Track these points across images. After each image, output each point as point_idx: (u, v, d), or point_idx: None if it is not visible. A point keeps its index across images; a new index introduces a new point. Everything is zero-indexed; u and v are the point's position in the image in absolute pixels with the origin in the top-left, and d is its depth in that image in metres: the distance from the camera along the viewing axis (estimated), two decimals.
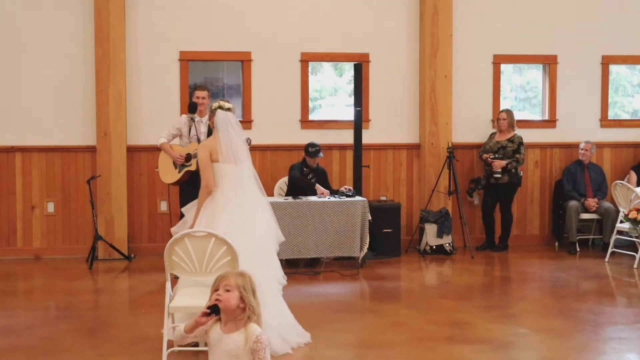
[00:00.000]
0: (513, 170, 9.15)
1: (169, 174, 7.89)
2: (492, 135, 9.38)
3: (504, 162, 9.05)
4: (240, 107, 9.28)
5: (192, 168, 7.63)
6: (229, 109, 5.44)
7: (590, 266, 8.43)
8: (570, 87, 9.83)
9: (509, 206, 9.32)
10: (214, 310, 3.45)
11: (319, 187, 8.36)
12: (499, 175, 9.08)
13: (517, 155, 9.13)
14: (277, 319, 5.25)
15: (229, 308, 3.46)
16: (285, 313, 5.46)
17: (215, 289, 3.51)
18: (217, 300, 3.45)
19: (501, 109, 9.46)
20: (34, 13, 8.78)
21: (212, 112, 5.46)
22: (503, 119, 9.23)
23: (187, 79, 9.03)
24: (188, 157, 7.73)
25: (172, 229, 5.64)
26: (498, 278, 8.21)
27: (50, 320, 6.23)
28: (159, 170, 8.01)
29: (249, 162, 5.50)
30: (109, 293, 7.38)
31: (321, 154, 8.50)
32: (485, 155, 9.18)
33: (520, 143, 9.19)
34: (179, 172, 7.78)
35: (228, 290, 3.48)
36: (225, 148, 5.36)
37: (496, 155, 9.11)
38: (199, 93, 7.86)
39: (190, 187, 7.46)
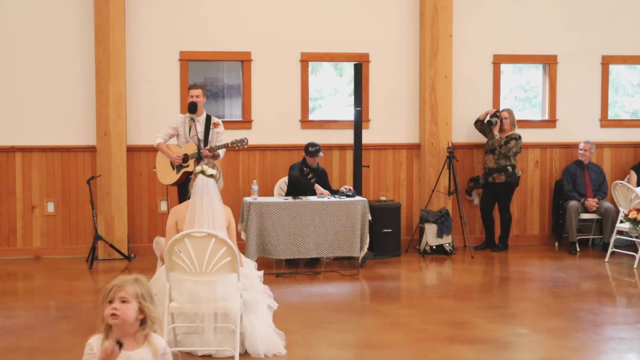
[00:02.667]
0: (510, 169, 9.13)
1: (167, 175, 7.85)
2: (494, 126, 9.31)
3: (497, 128, 9.08)
4: (240, 107, 9.29)
5: (190, 169, 7.61)
6: (211, 175, 5.25)
7: (590, 266, 8.43)
8: (570, 87, 9.83)
9: (507, 206, 9.32)
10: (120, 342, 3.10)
11: (318, 187, 8.36)
12: (492, 120, 9.12)
13: (508, 144, 9.10)
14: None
15: (127, 322, 3.12)
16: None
17: (109, 301, 3.16)
18: (113, 315, 3.11)
19: (501, 108, 9.46)
20: (34, 13, 8.77)
21: (194, 176, 5.30)
22: (505, 118, 9.23)
23: (187, 79, 9.03)
24: (185, 158, 7.71)
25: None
26: (498, 278, 8.21)
27: (50, 320, 6.22)
28: (156, 171, 7.99)
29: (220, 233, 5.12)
30: None
31: (321, 154, 8.50)
32: (494, 116, 9.16)
33: (514, 138, 9.13)
34: (177, 172, 7.76)
35: (124, 302, 3.14)
36: (190, 216, 5.18)
37: (500, 136, 9.12)
38: (193, 92, 7.82)
39: (188, 188, 7.42)
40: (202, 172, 5.26)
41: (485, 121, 9.25)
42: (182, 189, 7.77)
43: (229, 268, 4.99)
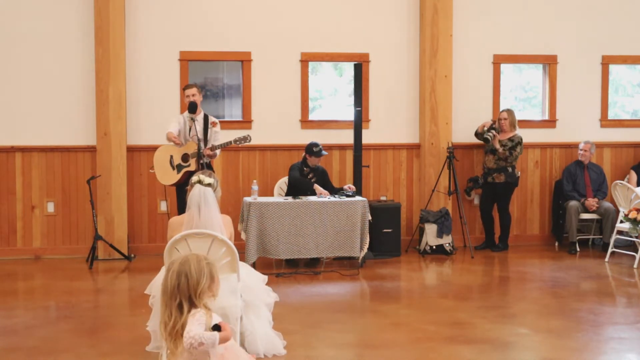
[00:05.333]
0: (510, 170, 9.14)
1: (167, 175, 7.84)
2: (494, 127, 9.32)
3: (497, 141, 9.04)
4: (240, 107, 9.29)
5: (192, 168, 7.61)
6: (209, 184, 5.07)
7: (590, 266, 8.43)
8: (570, 87, 9.84)
9: (506, 206, 9.32)
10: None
11: (317, 188, 8.36)
12: (490, 135, 9.04)
13: (513, 151, 9.12)
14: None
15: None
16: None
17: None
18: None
19: (501, 109, 9.46)
20: (34, 13, 8.77)
21: (191, 186, 5.13)
22: (504, 119, 9.23)
23: (187, 79, 9.03)
24: (185, 157, 7.71)
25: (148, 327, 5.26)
26: (498, 278, 8.21)
27: (50, 320, 6.22)
28: (154, 172, 7.96)
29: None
30: (109, 293, 7.38)
31: (324, 152, 8.50)
32: (490, 130, 9.09)
33: (519, 143, 9.17)
34: (178, 172, 7.75)
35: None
36: (187, 227, 5.01)
37: (499, 142, 9.10)
38: (189, 91, 7.83)
39: (185, 198, 7.39)
40: (200, 181, 5.08)
41: (483, 138, 9.18)
42: (181, 190, 7.75)
43: (228, 268, 4.99)
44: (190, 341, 3.21)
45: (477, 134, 9.35)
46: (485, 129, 9.17)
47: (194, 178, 5.12)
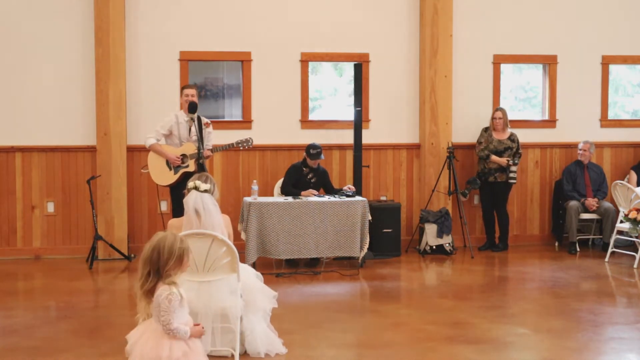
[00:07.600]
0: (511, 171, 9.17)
1: (163, 176, 7.79)
2: (487, 131, 9.32)
3: (516, 165, 9.10)
4: (240, 107, 9.29)
5: (190, 169, 7.58)
6: (205, 190, 5.01)
7: (590, 266, 8.43)
8: (570, 87, 9.84)
9: (504, 204, 9.31)
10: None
11: (304, 193, 8.32)
12: (514, 175, 9.09)
13: (520, 152, 9.20)
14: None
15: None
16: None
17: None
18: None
19: (497, 108, 9.43)
20: (34, 13, 8.77)
21: (188, 191, 5.06)
22: (499, 118, 9.23)
23: (187, 79, 9.03)
24: (184, 158, 7.70)
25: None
26: (498, 278, 8.21)
27: (50, 320, 6.22)
28: (149, 172, 7.93)
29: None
30: (109, 293, 7.38)
31: (322, 157, 8.46)
32: (507, 162, 9.07)
33: (518, 141, 9.24)
34: (175, 173, 7.72)
35: None
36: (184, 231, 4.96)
37: (515, 160, 9.09)
38: (189, 91, 7.82)
39: (182, 189, 7.37)
40: (196, 187, 5.03)
41: (509, 177, 9.12)
42: (176, 191, 7.70)
43: (228, 268, 4.99)
44: (169, 333, 3.68)
45: (484, 158, 9.25)
46: (510, 167, 9.11)
47: (190, 184, 5.07)
